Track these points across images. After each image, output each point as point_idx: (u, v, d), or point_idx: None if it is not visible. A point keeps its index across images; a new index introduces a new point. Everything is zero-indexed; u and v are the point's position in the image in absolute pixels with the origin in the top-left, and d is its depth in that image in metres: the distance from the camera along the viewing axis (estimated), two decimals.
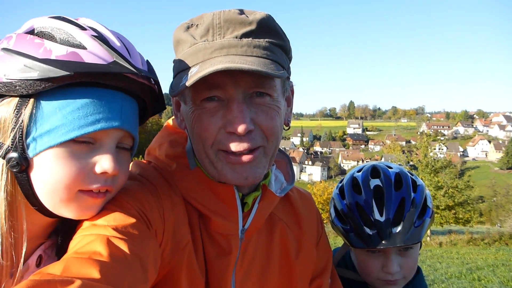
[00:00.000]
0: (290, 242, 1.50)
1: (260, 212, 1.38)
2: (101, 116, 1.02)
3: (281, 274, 1.47)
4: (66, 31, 1.02)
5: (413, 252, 1.79)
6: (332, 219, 1.91)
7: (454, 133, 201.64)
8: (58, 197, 1.02)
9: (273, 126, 1.23)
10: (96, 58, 0.99)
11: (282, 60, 1.22)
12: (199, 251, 1.29)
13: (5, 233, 1.02)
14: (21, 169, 1.00)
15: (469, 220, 28.82)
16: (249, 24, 1.18)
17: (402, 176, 1.80)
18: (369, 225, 1.71)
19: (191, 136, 1.28)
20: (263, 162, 1.25)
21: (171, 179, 1.31)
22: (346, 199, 1.82)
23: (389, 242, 1.66)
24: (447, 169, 30.49)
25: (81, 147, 1.02)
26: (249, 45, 1.16)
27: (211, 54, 1.16)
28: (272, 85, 1.21)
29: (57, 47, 0.99)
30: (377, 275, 1.77)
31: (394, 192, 1.74)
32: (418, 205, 1.74)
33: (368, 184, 1.79)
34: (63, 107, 0.99)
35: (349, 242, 1.79)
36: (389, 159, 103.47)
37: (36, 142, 0.99)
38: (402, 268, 1.75)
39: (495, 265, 13.93)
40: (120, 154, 1.11)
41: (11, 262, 1.06)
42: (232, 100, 1.17)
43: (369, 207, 1.73)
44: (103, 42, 1.02)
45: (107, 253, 0.93)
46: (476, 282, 11.04)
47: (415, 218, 1.71)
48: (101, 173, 1.04)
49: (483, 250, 19.14)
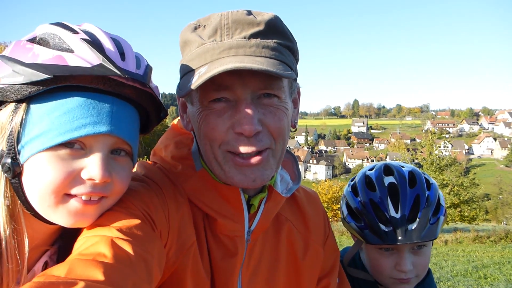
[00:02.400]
0: (297, 242, 1.50)
1: (266, 213, 1.37)
2: (88, 121, 1.00)
3: (288, 275, 1.46)
4: (59, 36, 1.03)
5: (426, 250, 1.78)
6: (344, 216, 1.91)
7: (459, 131, 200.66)
8: (46, 202, 1.01)
9: (281, 127, 1.22)
10: (81, 61, 0.98)
11: (290, 61, 1.22)
12: (204, 252, 1.29)
13: (8, 237, 1.03)
14: (14, 174, 1.00)
15: (474, 218, 28.75)
16: (257, 25, 1.17)
17: (416, 174, 1.81)
18: (384, 222, 1.71)
19: (198, 137, 1.27)
20: (271, 164, 1.24)
21: (177, 180, 1.31)
22: (360, 197, 1.83)
23: (405, 238, 1.66)
24: (452, 167, 30.44)
25: (71, 152, 1.01)
26: (258, 46, 1.15)
27: (219, 54, 1.15)
28: (280, 86, 1.21)
29: (45, 51, 0.99)
30: (389, 274, 1.76)
31: (409, 190, 1.75)
32: (432, 202, 1.75)
33: (382, 181, 1.80)
34: (51, 111, 0.98)
35: (364, 239, 1.78)
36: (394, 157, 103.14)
37: (26, 147, 0.99)
38: (415, 266, 1.74)
39: (501, 263, 13.84)
40: (116, 162, 1.09)
41: (17, 269, 1.06)
42: (241, 101, 1.16)
43: (384, 204, 1.73)
44: (93, 45, 1.01)
45: (111, 255, 0.92)
46: (482, 280, 10.99)
47: (430, 215, 1.71)
48: (89, 179, 1.02)
49: (489, 248, 19.03)
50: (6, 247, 1.03)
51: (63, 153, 1.00)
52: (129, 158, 1.15)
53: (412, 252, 1.75)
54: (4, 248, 1.03)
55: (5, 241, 1.02)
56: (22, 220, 1.06)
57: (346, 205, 1.91)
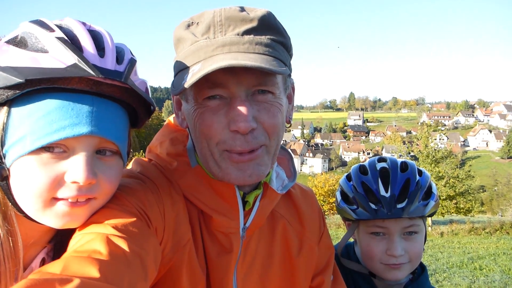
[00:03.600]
0: (291, 240, 1.50)
1: (262, 210, 1.37)
2: (67, 123, 0.96)
3: (283, 272, 1.46)
4: (35, 35, 0.99)
5: (418, 237, 1.80)
6: (338, 203, 1.94)
7: (455, 123, 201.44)
8: (34, 206, 1.00)
9: (275, 124, 1.22)
10: (55, 61, 0.95)
11: (283, 57, 1.22)
12: (199, 249, 1.29)
13: (2, 239, 1.02)
14: (2, 177, 0.99)
15: (470, 210, 28.94)
16: (250, 21, 1.17)
17: (408, 163, 1.87)
18: (375, 202, 1.75)
19: (194, 135, 1.27)
20: (266, 160, 1.24)
21: (172, 177, 1.31)
22: (352, 181, 1.88)
23: (393, 213, 1.71)
24: (448, 159, 30.52)
25: (53, 155, 0.98)
26: (251, 42, 1.15)
27: (213, 52, 1.15)
28: (274, 82, 1.21)
29: (20, 53, 0.96)
30: (380, 259, 1.78)
31: (400, 173, 1.80)
32: (423, 186, 1.79)
33: (375, 166, 1.87)
34: (30, 114, 0.96)
35: (354, 216, 1.81)
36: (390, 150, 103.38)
37: (10, 151, 0.98)
38: (407, 252, 1.76)
39: (496, 254, 13.99)
40: (102, 161, 1.07)
41: (14, 269, 1.06)
42: (235, 98, 1.16)
43: (374, 185, 1.79)
44: (69, 44, 0.97)
45: (107, 252, 0.92)
46: (478, 271, 11.10)
47: (420, 197, 1.75)
48: (72, 182, 1.00)
49: (484, 240, 19.22)
50: (2, 248, 1.02)
51: (45, 157, 0.97)
52: (118, 156, 1.12)
53: (404, 237, 1.78)
54: (0, 249, 1.02)
55: (0, 243, 1.02)
56: (14, 221, 1.05)
57: (340, 192, 1.96)
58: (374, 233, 1.80)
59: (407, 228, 1.77)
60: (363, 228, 1.84)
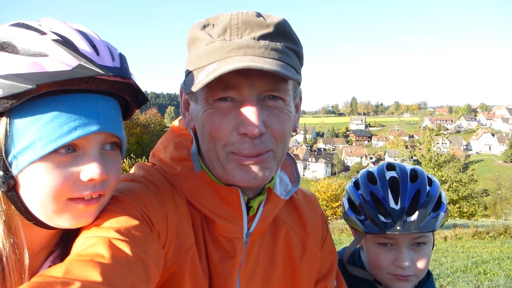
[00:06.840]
0: (294, 245, 1.49)
1: (265, 216, 1.37)
2: (77, 123, 0.97)
3: (285, 277, 1.46)
4: (27, 39, 0.97)
5: (426, 248, 1.78)
6: (345, 210, 1.91)
7: (457, 127, 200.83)
8: (50, 209, 1.00)
9: (284, 130, 1.22)
10: (59, 64, 0.94)
11: (296, 65, 1.22)
12: (202, 254, 1.28)
13: (7, 251, 1.02)
14: (9, 187, 0.98)
15: (473, 214, 28.79)
16: (266, 27, 1.17)
17: (418, 171, 1.82)
18: (384, 213, 1.71)
19: (201, 136, 1.27)
20: (272, 164, 1.24)
21: (175, 181, 1.30)
22: (361, 190, 1.84)
23: (403, 228, 1.66)
24: (451, 163, 30.50)
25: (64, 157, 0.99)
26: (267, 47, 1.15)
27: (228, 53, 1.15)
28: (286, 89, 1.21)
29: (18, 59, 0.94)
30: (388, 269, 1.76)
31: (410, 184, 1.75)
32: (433, 197, 1.75)
33: (384, 175, 1.81)
34: (36, 121, 0.95)
35: (363, 229, 1.78)
36: (393, 154, 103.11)
37: (17, 159, 0.97)
38: (414, 264, 1.73)
39: (500, 258, 13.89)
40: (107, 157, 1.08)
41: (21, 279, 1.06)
42: (246, 101, 1.16)
43: (384, 197, 1.74)
44: (66, 45, 0.97)
45: (109, 255, 0.92)
46: (482, 276, 11.01)
47: (430, 209, 1.71)
48: (89, 180, 1.01)
49: (488, 244, 19.08)
50: (7, 261, 1.01)
51: (58, 159, 0.97)
52: (118, 150, 1.14)
53: (411, 248, 1.75)
54: (6, 262, 1.02)
55: (5, 256, 1.01)
56: (21, 232, 1.05)
57: (347, 200, 1.92)
58: (382, 243, 1.77)
59: (416, 239, 1.74)
60: (371, 237, 1.81)
